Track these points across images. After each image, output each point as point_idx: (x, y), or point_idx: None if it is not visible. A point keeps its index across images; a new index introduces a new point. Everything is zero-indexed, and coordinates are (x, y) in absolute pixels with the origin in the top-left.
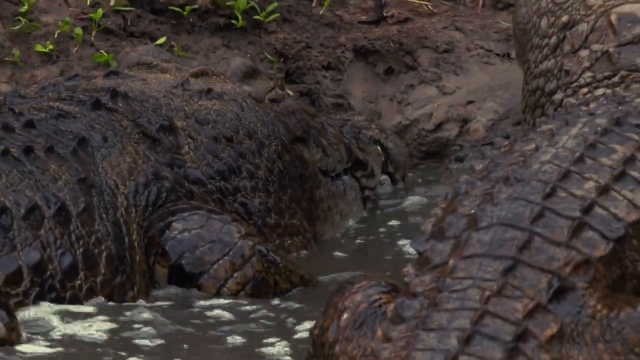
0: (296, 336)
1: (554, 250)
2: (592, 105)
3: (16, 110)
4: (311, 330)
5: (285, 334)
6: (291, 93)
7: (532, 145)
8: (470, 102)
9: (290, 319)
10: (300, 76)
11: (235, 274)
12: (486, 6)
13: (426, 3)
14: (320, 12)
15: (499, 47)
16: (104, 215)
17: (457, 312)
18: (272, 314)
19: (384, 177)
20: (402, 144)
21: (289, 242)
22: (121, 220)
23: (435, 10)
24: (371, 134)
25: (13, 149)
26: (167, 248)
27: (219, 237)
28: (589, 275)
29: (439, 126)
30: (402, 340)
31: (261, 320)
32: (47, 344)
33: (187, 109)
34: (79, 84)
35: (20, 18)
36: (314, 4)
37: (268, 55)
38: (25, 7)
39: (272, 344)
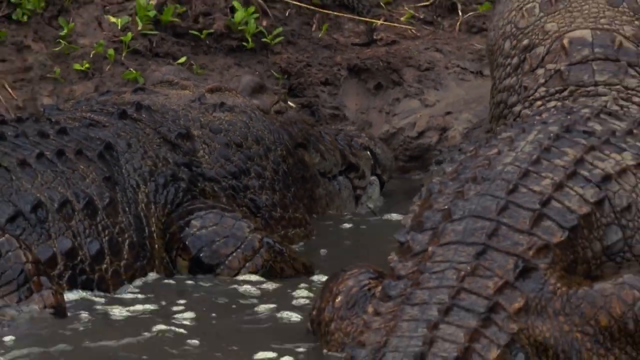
0: (296, 315)
1: (518, 236)
2: (544, 115)
3: (52, 120)
4: (310, 311)
5: (287, 313)
6: (293, 105)
7: (495, 150)
8: (448, 113)
9: (292, 300)
10: (301, 91)
11: (247, 264)
12: (462, 30)
13: (410, 28)
14: (319, 36)
15: (473, 65)
16: (126, 209)
17: (437, 289)
18: (276, 297)
19: (373, 178)
20: (388, 150)
21: (292, 233)
22: (142, 214)
23: (418, 34)
24: (362, 141)
25: (47, 152)
26: (187, 243)
27: (232, 232)
28: (549, 257)
29: (421, 134)
30: (390, 314)
31: (266, 302)
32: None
33: (202, 119)
34: (110, 98)
35: (61, 40)
36: (313, 29)
37: (274, 73)
38: (65, 31)
39: (275, 322)
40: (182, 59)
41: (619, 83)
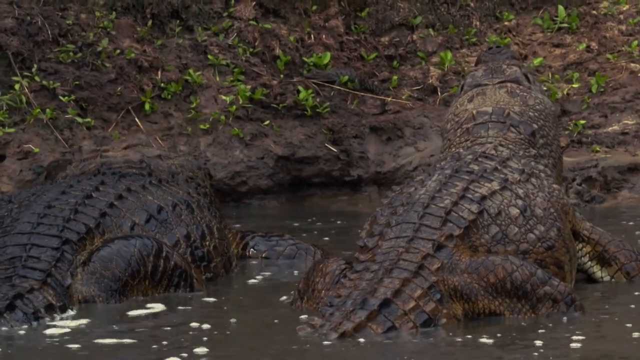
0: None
1: (433, 231)
2: (442, 163)
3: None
4: (296, 285)
5: (290, 282)
6: None
7: (413, 189)
8: (432, 155)
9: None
10: (341, 141)
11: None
12: (440, 104)
13: (408, 102)
14: (352, 107)
15: None
16: (199, 210)
17: (384, 262)
18: (287, 272)
19: None
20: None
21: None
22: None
23: (413, 106)
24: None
25: (153, 180)
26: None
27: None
28: (454, 242)
29: (415, 168)
30: (357, 279)
31: (281, 278)
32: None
33: (164, 166)
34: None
35: (192, 110)
36: (348, 103)
37: (324, 130)
38: (194, 104)
39: (285, 287)
40: (267, 122)
41: (502, 136)
